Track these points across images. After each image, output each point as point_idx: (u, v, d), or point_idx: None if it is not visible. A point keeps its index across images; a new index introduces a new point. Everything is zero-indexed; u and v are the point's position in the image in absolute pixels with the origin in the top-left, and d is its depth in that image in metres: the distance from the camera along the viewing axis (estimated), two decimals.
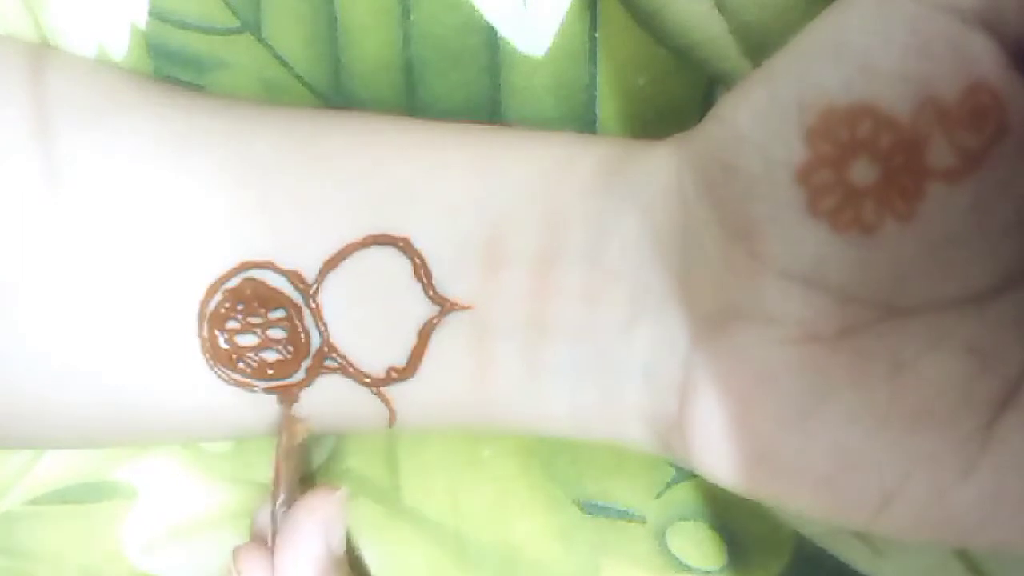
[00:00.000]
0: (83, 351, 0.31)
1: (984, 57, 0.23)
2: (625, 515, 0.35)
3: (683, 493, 0.34)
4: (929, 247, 0.24)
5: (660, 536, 0.35)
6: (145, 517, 0.40)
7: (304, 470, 0.33)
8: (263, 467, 0.37)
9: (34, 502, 0.40)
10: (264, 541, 0.31)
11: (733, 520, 0.34)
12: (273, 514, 0.31)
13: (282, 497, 0.31)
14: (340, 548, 0.31)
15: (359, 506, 0.37)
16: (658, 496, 0.34)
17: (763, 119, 0.24)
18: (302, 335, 0.30)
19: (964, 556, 0.32)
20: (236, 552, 0.31)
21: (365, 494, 0.37)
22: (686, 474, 0.34)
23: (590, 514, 0.35)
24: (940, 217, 0.24)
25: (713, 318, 0.27)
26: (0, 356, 0.32)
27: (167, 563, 0.40)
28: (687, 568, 0.35)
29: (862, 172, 0.24)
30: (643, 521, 0.35)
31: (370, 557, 0.38)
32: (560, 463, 0.35)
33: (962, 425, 0.25)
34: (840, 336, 0.25)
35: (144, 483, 0.39)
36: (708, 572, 0.35)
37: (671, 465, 0.34)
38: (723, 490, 0.27)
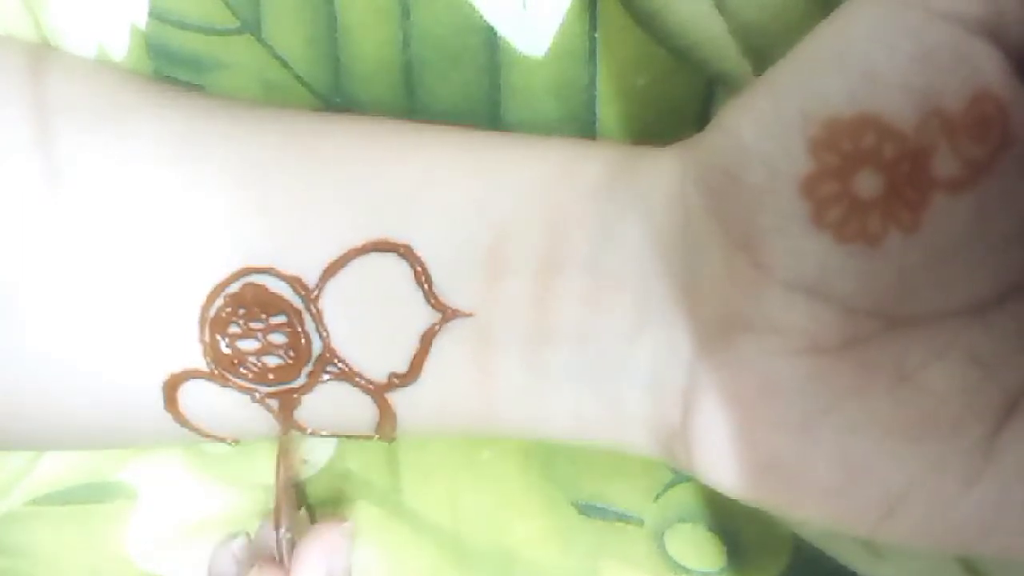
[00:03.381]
0: (83, 351, 0.31)
1: (988, 66, 0.23)
2: (623, 517, 0.35)
3: (681, 495, 0.34)
4: (933, 257, 0.24)
5: (658, 538, 0.35)
6: (146, 518, 0.40)
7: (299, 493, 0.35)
8: (264, 469, 0.37)
9: (35, 503, 0.40)
10: (273, 559, 0.32)
11: (732, 522, 0.34)
12: (279, 541, 0.33)
13: (285, 526, 0.33)
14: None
15: (360, 508, 0.37)
16: (656, 498, 0.34)
17: (767, 130, 0.24)
18: (303, 340, 0.30)
19: (963, 558, 0.32)
20: (257, 571, 0.32)
21: (366, 496, 0.37)
22: (684, 476, 0.34)
23: (588, 516, 0.35)
24: (944, 227, 0.24)
25: (717, 327, 0.27)
26: (0, 356, 0.32)
27: (168, 564, 0.40)
28: (685, 570, 0.35)
29: (867, 183, 0.24)
30: (641, 523, 0.35)
31: (370, 558, 0.38)
32: (558, 465, 0.35)
33: (966, 434, 0.25)
34: (844, 346, 0.26)
35: (145, 484, 0.39)
36: (707, 574, 0.35)
37: (669, 467, 0.34)
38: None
